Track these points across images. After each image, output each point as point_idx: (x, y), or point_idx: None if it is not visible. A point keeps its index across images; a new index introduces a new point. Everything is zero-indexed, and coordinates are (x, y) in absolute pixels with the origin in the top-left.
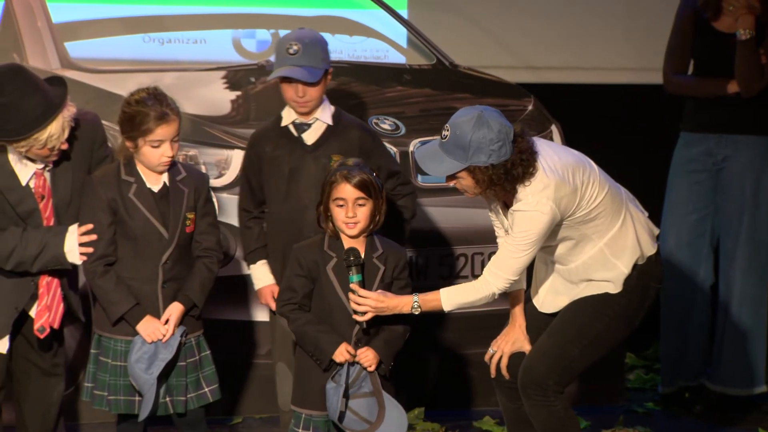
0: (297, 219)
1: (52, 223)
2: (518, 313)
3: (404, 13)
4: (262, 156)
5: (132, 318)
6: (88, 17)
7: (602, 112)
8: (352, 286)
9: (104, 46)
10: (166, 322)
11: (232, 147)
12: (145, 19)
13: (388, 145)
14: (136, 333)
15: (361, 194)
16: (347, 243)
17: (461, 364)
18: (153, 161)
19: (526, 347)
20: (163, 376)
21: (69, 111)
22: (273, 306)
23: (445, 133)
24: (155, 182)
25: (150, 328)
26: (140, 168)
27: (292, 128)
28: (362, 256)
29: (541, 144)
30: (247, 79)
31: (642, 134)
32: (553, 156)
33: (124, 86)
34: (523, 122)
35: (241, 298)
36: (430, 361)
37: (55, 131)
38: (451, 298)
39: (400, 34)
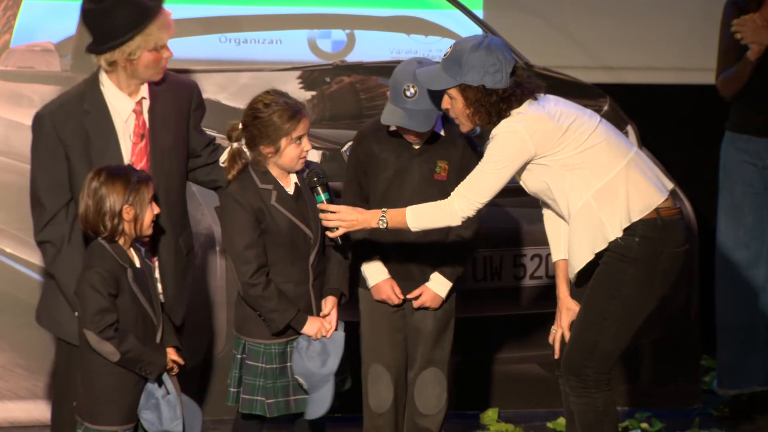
0: None
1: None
2: (561, 284)
3: (480, 13)
4: (369, 154)
5: (297, 324)
6: None
7: (679, 113)
8: (320, 206)
9: (180, 46)
10: (325, 316)
11: None
12: (221, 20)
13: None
14: (286, 336)
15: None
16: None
17: (535, 363)
18: (294, 158)
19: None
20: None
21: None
22: (395, 300)
23: (447, 50)
24: (288, 184)
25: (316, 328)
26: (275, 173)
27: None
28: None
29: (545, 96)
30: (323, 79)
31: (720, 135)
32: (551, 102)
33: (201, 86)
34: None
35: None
36: (500, 361)
37: (163, 22)
38: (416, 215)
39: (475, 34)
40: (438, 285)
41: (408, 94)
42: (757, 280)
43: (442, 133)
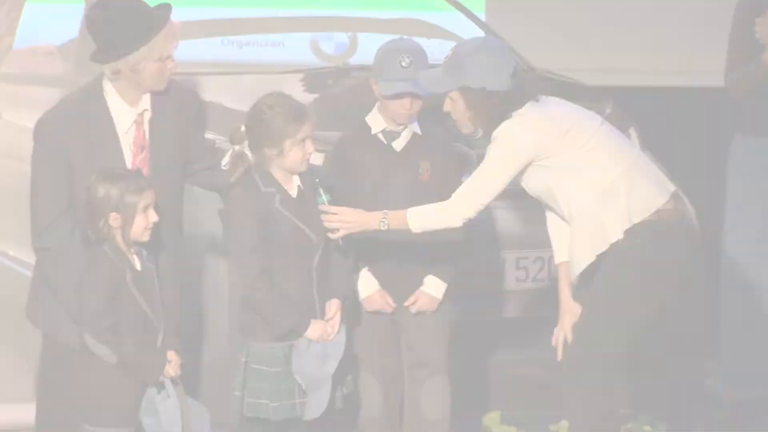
0: None
1: None
2: (563, 286)
3: (482, 15)
4: (351, 162)
5: (299, 327)
6: None
7: (683, 116)
8: (322, 207)
9: (183, 48)
10: (329, 320)
11: None
12: (224, 22)
13: (465, 147)
14: (290, 339)
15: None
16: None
17: (538, 365)
18: (298, 160)
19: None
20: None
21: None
22: (388, 309)
23: (448, 53)
24: (291, 188)
25: (319, 331)
26: (278, 176)
27: (381, 136)
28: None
29: (547, 98)
30: (325, 82)
31: (723, 137)
32: (552, 103)
33: (203, 89)
34: None
35: None
36: (502, 364)
37: (169, 33)
38: (417, 216)
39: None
40: (433, 287)
41: (404, 64)
42: (762, 282)
43: (420, 131)
